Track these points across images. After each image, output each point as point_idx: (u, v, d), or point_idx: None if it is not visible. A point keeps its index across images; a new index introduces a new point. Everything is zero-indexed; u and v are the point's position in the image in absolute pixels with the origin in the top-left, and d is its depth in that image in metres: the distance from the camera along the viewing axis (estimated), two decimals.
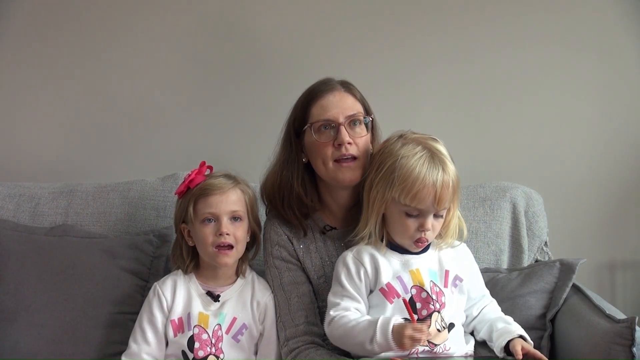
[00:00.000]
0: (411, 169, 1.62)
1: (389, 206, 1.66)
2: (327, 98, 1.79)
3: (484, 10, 2.38)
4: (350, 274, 1.69)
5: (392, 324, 1.57)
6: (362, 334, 1.60)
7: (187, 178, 1.83)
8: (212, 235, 1.78)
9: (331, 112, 1.77)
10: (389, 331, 1.56)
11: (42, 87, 2.45)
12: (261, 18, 2.41)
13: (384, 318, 1.59)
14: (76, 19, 2.43)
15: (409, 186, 1.61)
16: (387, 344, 1.56)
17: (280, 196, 1.83)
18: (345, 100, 1.79)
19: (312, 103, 1.79)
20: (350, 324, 1.62)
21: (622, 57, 2.37)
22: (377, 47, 2.39)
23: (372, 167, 1.71)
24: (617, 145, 2.38)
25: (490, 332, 1.71)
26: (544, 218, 2.13)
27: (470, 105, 2.40)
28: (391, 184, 1.63)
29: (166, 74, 2.44)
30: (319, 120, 1.77)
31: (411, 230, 1.65)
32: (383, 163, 1.67)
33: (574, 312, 1.82)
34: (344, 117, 1.76)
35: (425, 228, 1.65)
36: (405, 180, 1.62)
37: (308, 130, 1.79)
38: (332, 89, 1.80)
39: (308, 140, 1.80)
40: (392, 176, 1.63)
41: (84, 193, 2.18)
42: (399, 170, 1.62)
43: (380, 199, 1.66)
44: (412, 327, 1.54)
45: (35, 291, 1.94)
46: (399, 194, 1.62)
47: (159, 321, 1.79)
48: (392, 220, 1.68)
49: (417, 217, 1.65)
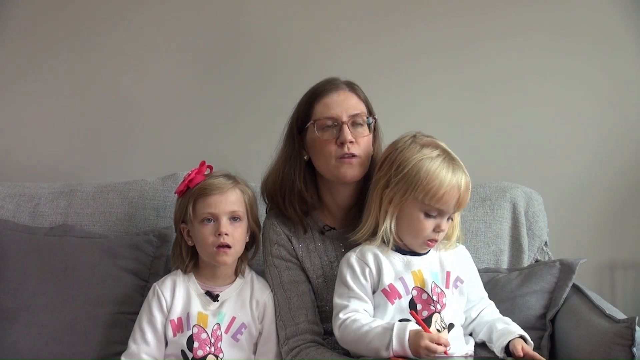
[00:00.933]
0: (437, 170, 1.63)
1: (406, 206, 1.66)
2: (331, 96, 1.79)
3: (484, 10, 2.38)
4: (355, 274, 1.69)
5: (408, 331, 1.56)
6: (376, 340, 1.58)
7: (186, 178, 1.83)
8: (212, 236, 1.77)
9: (335, 110, 1.77)
10: (405, 339, 1.55)
11: (42, 87, 2.45)
12: (261, 18, 2.41)
13: (399, 325, 1.58)
14: (76, 19, 2.44)
15: (435, 187, 1.62)
16: (404, 351, 1.55)
17: (282, 193, 1.83)
18: (349, 100, 1.80)
19: (316, 101, 1.80)
20: (363, 329, 1.61)
21: (623, 57, 2.37)
22: (377, 47, 2.39)
23: (384, 167, 1.71)
24: (618, 145, 2.38)
25: (490, 333, 1.71)
26: (544, 218, 2.13)
27: (470, 105, 2.40)
28: (415, 185, 1.63)
29: (166, 74, 2.44)
30: (322, 118, 1.77)
31: (427, 230, 1.66)
32: (403, 164, 1.66)
33: (574, 312, 1.82)
34: (347, 116, 1.77)
35: (442, 229, 1.66)
36: (432, 181, 1.62)
37: (311, 127, 1.79)
38: (336, 88, 1.81)
39: (310, 137, 1.80)
40: (416, 177, 1.63)
41: (84, 193, 2.18)
42: (424, 171, 1.63)
43: (398, 198, 1.66)
44: (428, 337, 1.53)
45: (35, 291, 1.94)
46: (423, 194, 1.63)
47: (158, 321, 1.79)
48: (408, 220, 1.67)
49: (435, 218, 1.66)
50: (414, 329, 1.57)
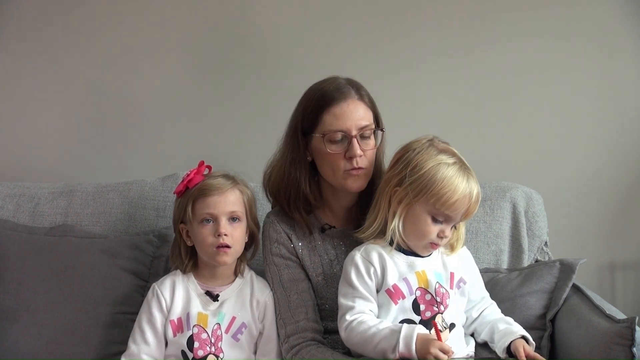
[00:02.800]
0: (453, 178, 1.63)
1: (416, 208, 1.66)
2: (341, 106, 1.76)
3: (484, 11, 2.38)
4: (360, 273, 1.68)
5: (415, 334, 1.56)
6: (383, 342, 1.58)
7: (185, 178, 1.83)
8: (211, 236, 1.77)
9: (345, 124, 1.75)
10: (412, 343, 1.55)
11: (42, 87, 2.46)
12: (261, 18, 2.41)
13: (407, 328, 1.57)
14: (76, 19, 2.44)
15: (449, 193, 1.62)
16: (409, 354, 1.55)
17: (287, 196, 1.83)
18: (357, 110, 1.77)
19: (324, 110, 1.77)
20: (371, 330, 1.61)
21: (623, 58, 2.36)
22: (377, 47, 2.39)
23: (399, 165, 1.70)
24: (618, 145, 2.38)
25: (492, 333, 1.71)
26: (544, 218, 2.13)
27: (470, 105, 2.40)
28: (429, 188, 1.63)
29: (166, 74, 2.44)
30: (331, 131, 1.75)
31: (432, 234, 1.66)
32: (420, 165, 1.65)
33: (574, 312, 1.82)
34: (357, 129, 1.75)
35: (445, 235, 1.66)
36: (446, 186, 1.62)
37: (319, 137, 1.77)
38: (345, 97, 1.77)
39: (317, 146, 1.79)
40: (431, 180, 1.63)
41: (84, 193, 2.18)
42: (440, 176, 1.63)
43: (409, 198, 1.65)
44: (439, 346, 1.53)
45: (35, 291, 1.95)
46: (435, 199, 1.63)
47: (158, 322, 1.79)
48: (415, 221, 1.67)
49: (441, 224, 1.66)
50: (422, 333, 1.56)
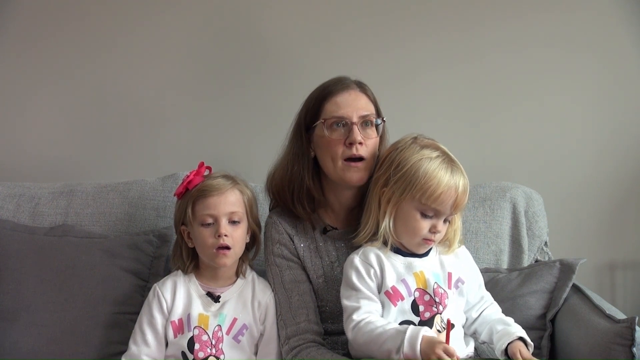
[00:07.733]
0: (436, 171, 1.64)
1: (404, 205, 1.67)
2: (342, 95, 1.78)
3: (484, 12, 2.38)
4: (361, 275, 1.68)
5: (421, 335, 1.54)
6: (388, 342, 1.57)
7: (185, 179, 1.83)
8: (211, 237, 1.77)
9: (345, 110, 1.76)
10: (417, 344, 1.53)
11: (42, 87, 2.46)
12: (263, 18, 2.41)
13: (413, 329, 1.56)
14: (76, 19, 2.44)
15: (433, 187, 1.62)
16: (414, 355, 1.53)
17: (290, 190, 1.83)
18: (359, 100, 1.79)
19: (326, 99, 1.79)
20: (377, 330, 1.60)
21: (622, 58, 2.37)
22: (379, 47, 2.40)
23: (384, 166, 1.71)
24: (617, 145, 2.39)
25: (490, 335, 1.71)
26: (544, 218, 2.13)
27: (470, 105, 2.40)
28: (413, 184, 1.64)
29: (166, 74, 2.44)
30: (332, 117, 1.77)
31: (424, 230, 1.66)
32: (402, 163, 1.67)
33: (574, 312, 1.82)
34: (358, 117, 1.76)
35: (438, 229, 1.66)
36: (429, 180, 1.63)
37: (320, 125, 1.78)
38: (347, 87, 1.80)
39: (318, 135, 1.79)
40: (415, 175, 1.64)
41: (84, 193, 2.18)
42: (423, 171, 1.64)
43: (396, 197, 1.66)
44: (444, 348, 1.51)
45: (35, 291, 1.95)
46: (420, 194, 1.63)
47: (158, 323, 1.79)
48: (405, 219, 1.68)
49: (431, 219, 1.66)
50: (428, 335, 1.55)
